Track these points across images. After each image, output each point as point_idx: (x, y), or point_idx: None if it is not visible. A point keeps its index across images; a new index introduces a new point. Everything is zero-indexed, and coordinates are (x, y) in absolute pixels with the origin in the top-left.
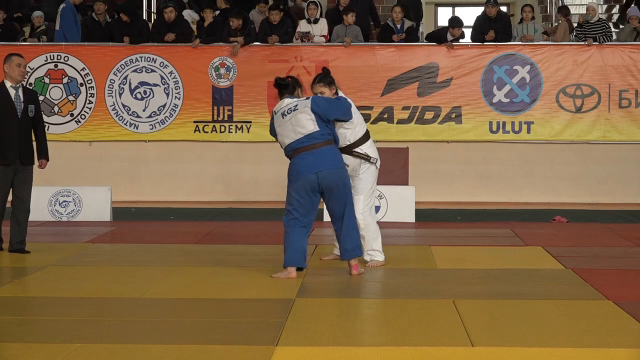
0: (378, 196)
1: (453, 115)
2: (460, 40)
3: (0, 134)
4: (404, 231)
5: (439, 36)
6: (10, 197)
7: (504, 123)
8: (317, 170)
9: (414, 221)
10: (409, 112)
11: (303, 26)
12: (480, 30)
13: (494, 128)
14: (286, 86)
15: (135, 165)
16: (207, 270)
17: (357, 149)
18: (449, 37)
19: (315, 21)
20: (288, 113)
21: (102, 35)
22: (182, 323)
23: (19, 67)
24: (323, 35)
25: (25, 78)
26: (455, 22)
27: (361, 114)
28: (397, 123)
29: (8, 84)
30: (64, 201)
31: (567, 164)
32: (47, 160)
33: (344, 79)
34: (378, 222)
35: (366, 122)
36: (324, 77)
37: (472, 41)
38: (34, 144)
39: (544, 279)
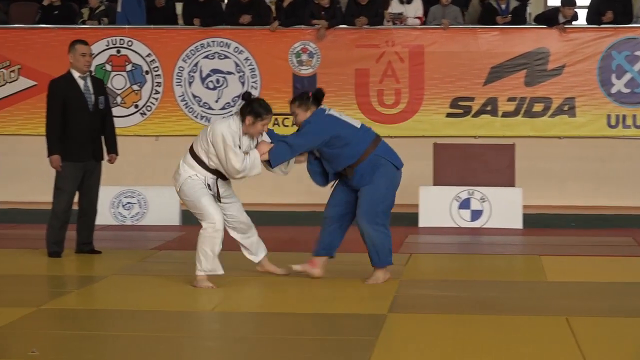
0: (480, 199)
1: (566, 108)
2: (574, 22)
3: (71, 129)
4: (510, 239)
5: (549, 18)
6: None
7: (624, 116)
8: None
9: (522, 227)
10: (515, 103)
11: (395, 7)
12: (597, 10)
13: (613, 122)
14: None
15: None
16: (287, 280)
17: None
18: (561, 19)
19: (409, 1)
20: None
21: (169, 16)
22: (260, 340)
23: (83, 57)
24: (418, 17)
25: (91, 68)
26: (568, 1)
27: (461, 105)
28: (501, 116)
29: (75, 74)
30: (128, 203)
31: None
32: (117, 155)
33: (441, 66)
34: (480, 228)
35: (467, 115)
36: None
37: (588, 23)
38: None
39: None
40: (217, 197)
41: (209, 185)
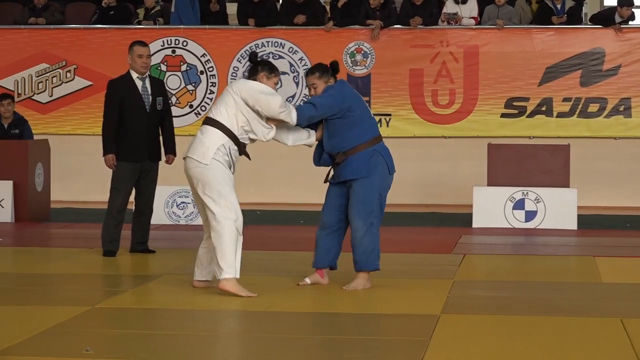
0: (534, 200)
1: (621, 108)
2: (631, 22)
3: (127, 130)
4: (564, 239)
5: (605, 17)
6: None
7: None
8: None
9: (576, 228)
10: (571, 104)
11: (450, 6)
12: None
13: None
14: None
15: (260, 163)
16: (339, 281)
17: None
18: (617, 19)
19: (464, 1)
20: None
21: (222, 17)
22: (312, 340)
23: (140, 58)
24: (472, 17)
25: (149, 69)
26: (626, 1)
27: (516, 105)
28: (556, 117)
29: (134, 75)
30: (182, 202)
31: None
32: (175, 156)
33: (496, 66)
34: (535, 229)
35: (521, 116)
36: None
37: None
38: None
39: None
40: (233, 168)
41: (231, 156)
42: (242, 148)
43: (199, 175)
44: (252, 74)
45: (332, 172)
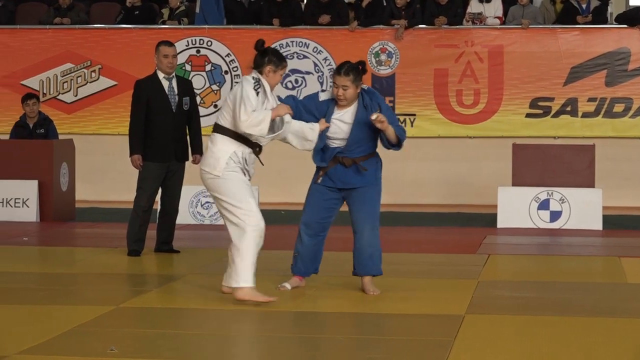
0: (559, 200)
1: None
2: None
3: (153, 130)
4: (589, 240)
5: (631, 17)
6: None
7: None
8: None
9: (601, 229)
10: (596, 104)
11: (474, 6)
12: None
13: None
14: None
15: (286, 162)
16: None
17: None
18: None
19: (489, 0)
20: None
21: (246, 16)
22: (335, 341)
23: (165, 58)
24: (497, 17)
25: (175, 69)
26: None
27: (541, 105)
28: (581, 117)
29: (160, 75)
30: (207, 202)
31: None
32: (202, 156)
33: (521, 66)
34: (559, 229)
35: (546, 116)
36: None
37: None
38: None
39: None
40: (248, 174)
41: (245, 160)
42: (256, 150)
43: (213, 186)
44: (258, 65)
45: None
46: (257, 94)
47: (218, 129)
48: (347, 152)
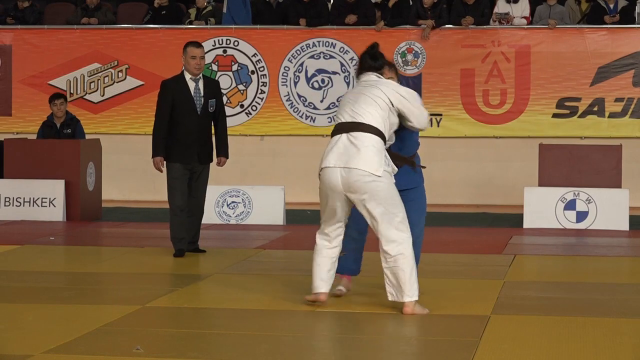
0: (586, 200)
1: None
2: None
3: (178, 131)
4: (615, 240)
5: None
6: None
7: None
8: None
9: (628, 229)
10: (623, 104)
11: (501, 6)
12: None
13: None
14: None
15: (312, 162)
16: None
17: None
18: None
19: (516, 0)
20: None
21: (274, 17)
22: (359, 340)
23: (193, 59)
24: (524, 17)
25: (202, 70)
26: None
27: (568, 105)
28: (608, 117)
29: (187, 76)
30: (233, 202)
31: None
32: (227, 158)
33: (548, 66)
34: (586, 230)
35: (573, 116)
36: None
37: None
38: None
39: None
40: None
41: (390, 163)
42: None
43: (372, 188)
44: (376, 69)
45: None
46: None
47: (365, 127)
48: (403, 151)
